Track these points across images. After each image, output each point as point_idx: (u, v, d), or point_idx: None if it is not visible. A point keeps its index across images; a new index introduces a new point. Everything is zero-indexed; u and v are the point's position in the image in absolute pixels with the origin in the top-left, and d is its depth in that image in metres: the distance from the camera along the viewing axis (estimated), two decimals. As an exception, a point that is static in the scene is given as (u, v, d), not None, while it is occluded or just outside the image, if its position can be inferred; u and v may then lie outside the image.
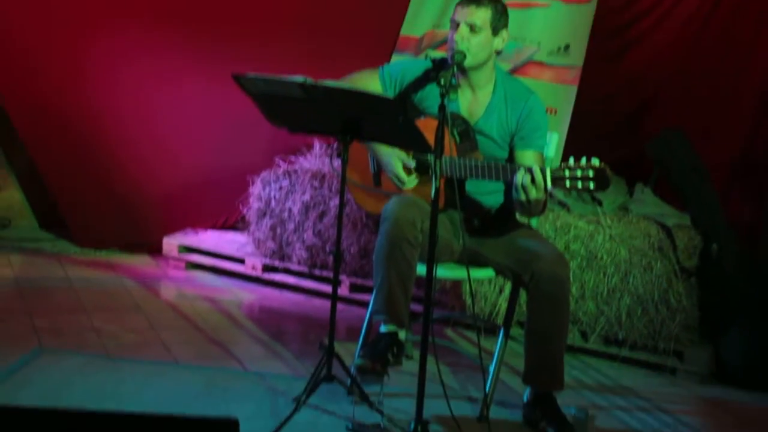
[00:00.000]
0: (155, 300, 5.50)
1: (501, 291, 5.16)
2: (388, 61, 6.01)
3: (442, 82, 3.57)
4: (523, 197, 3.69)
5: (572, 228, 5.09)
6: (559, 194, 5.30)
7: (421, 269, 4.01)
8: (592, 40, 5.65)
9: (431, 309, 3.59)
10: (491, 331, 5.18)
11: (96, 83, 6.22)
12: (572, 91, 5.56)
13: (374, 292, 4.08)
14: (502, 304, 5.14)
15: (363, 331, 4.36)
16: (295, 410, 3.75)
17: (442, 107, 3.54)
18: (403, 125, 3.56)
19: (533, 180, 3.65)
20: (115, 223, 6.40)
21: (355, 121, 3.70)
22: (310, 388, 3.82)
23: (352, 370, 3.99)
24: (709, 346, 5.04)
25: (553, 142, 4.41)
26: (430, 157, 4.07)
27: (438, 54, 5.83)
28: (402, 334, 4.05)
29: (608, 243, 5.02)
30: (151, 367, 4.36)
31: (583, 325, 5.08)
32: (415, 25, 6.10)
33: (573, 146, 4.94)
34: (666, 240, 5.02)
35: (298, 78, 3.57)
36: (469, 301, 5.23)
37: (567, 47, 5.67)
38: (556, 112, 5.40)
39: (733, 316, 4.97)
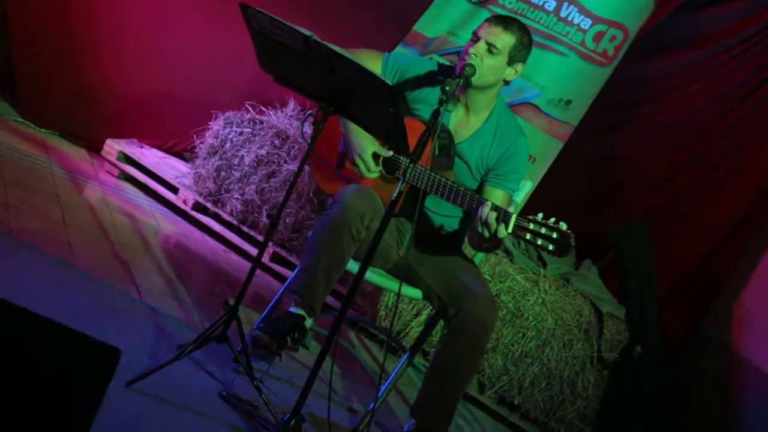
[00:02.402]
0: (77, 197, 5.26)
1: (418, 314, 5.01)
2: (392, 49, 5.84)
3: (447, 88, 3.42)
4: (486, 233, 3.54)
5: (509, 279, 4.97)
6: (507, 241, 5.16)
7: (350, 266, 3.85)
8: (592, 105, 5.52)
9: (347, 308, 3.42)
10: (393, 350, 5.03)
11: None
12: (558, 146, 5.41)
13: (297, 269, 3.90)
14: (414, 326, 5.00)
15: (271, 304, 4.17)
16: (176, 358, 3.56)
17: (436, 113, 3.39)
18: (392, 117, 3.39)
19: (498, 219, 3.50)
20: (65, 106, 6.13)
21: (344, 95, 3.52)
22: (199, 342, 3.62)
23: (247, 339, 3.80)
24: (596, 442, 4.94)
25: (525, 190, 4.28)
26: (403, 160, 3.92)
27: (442, 60, 5.69)
28: (309, 322, 3.87)
29: (538, 307, 4.90)
30: (46, 260, 4.14)
31: (484, 377, 4.94)
32: (431, 25, 5.92)
33: (535, 201, 4.78)
34: (595, 325, 4.90)
35: (306, 31, 3.38)
36: (382, 312, 5.08)
37: (569, 102, 5.53)
38: (535, 161, 5.25)
39: (632, 421, 4.87)
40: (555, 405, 4.88)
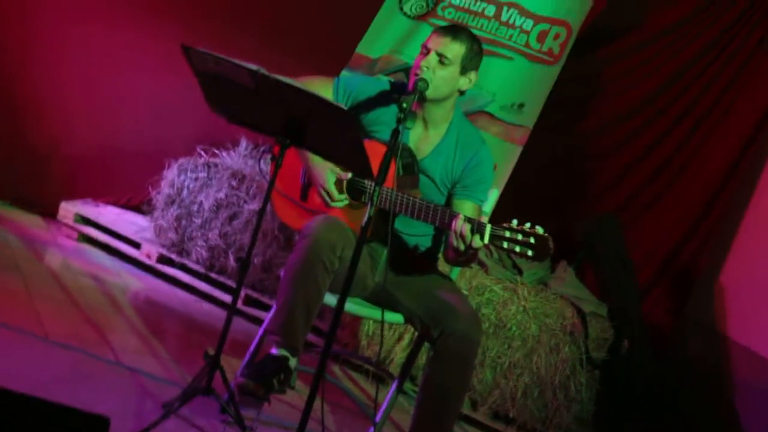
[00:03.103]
0: (37, 265, 5.15)
1: (400, 338, 4.92)
2: (338, 74, 5.77)
3: (405, 105, 3.34)
4: (462, 246, 3.46)
5: (487, 290, 4.90)
6: (480, 253, 5.09)
7: (327, 299, 3.76)
8: (546, 104, 5.47)
9: (331, 344, 3.32)
10: (380, 378, 4.95)
11: (37, 35, 5.91)
12: (517, 151, 5.35)
13: (274, 310, 3.80)
14: (398, 352, 4.91)
15: (252, 348, 4.06)
16: (163, 417, 3.46)
17: (395, 132, 3.31)
18: (350, 142, 3.31)
19: (473, 230, 3.43)
20: (13, 174, 5.99)
21: (299, 126, 3.44)
22: (185, 397, 3.51)
23: (233, 387, 3.69)
24: (597, 443, 4.86)
25: (492, 199, 4.21)
26: (368, 184, 3.84)
27: (383, 79, 5.62)
28: (293, 362, 3.77)
29: (520, 315, 4.83)
30: (16, 335, 4.01)
31: (475, 393, 4.86)
32: (373, 45, 5.85)
33: (499, 208, 4.70)
34: (580, 326, 4.84)
35: (252, 66, 3.30)
36: (363, 341, 4.99)
37: (522, 105, 5.47)
38: (496, 168, 5.18)
39: (629, 418, 4.80)
40: (550, 412, 4.80)
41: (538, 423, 4.82)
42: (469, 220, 3.48)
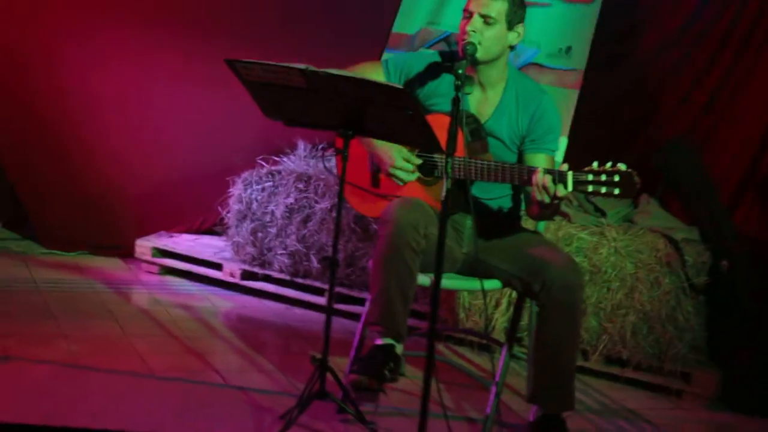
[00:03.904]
0: (127, 306, 5.19)
1: (497, 304, 4.86)
2: (380, 58, 5.73)
3: (460, 71, 3.28)
4: (546, 198, 3.42)
5: (575, 239, 4.81)
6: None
7: (420, 279, 3.72)
8: (594, 43, 5.38)
9: (435, 324, 3.28)
10: (484, 347, 4.91)
11: (71, 81, 5.95)
12: (574, 95, 5.29)
13: (370, 301, 3.78)
14: (498, 318, 4.86)
15: (356, 343, 4.04)
16: (285, 428, 3.44)
17: (456, 100, 3.24)
18: (412, 119, 3.26)
19: (555, 180, 3.38)
20: (85, 224, 6.09)
21: (358, 114, 3.40)
22: (302, 405, 3.50)
23: (347, 386, 3.67)
24: (717, 368, 4.75)
25: (562, 146, 4.14)
26: (438, 157, 3.79)
27: (429, 51, 5.56)
28: (399, 349, 3.73)
29: (613, 256, 4.75)
30: (124, 378, 4.04)
31: (584, 342, 4.78)
32: (409, 22, 5.82)
33: (571, 154, 4.64)
34: (674, 254, 4.74)
35: (300, 65, 3.27)
36: (462, 314, 4.95)
37: (569, 49, 5.40)
38: (559, 116, 5.12)
39: (744, 338, 4.70)
40: (663, 346, 4.71)
41: (653, 359, 4.73)
42: (548, 171, 3.43)
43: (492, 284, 3.86)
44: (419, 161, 3.86)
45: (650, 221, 5.02)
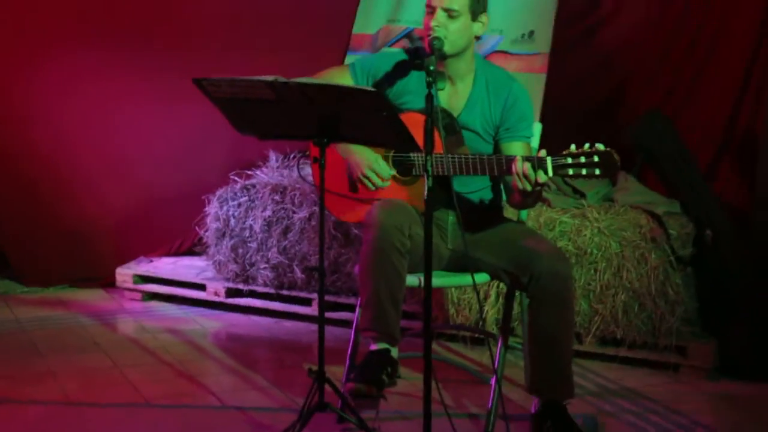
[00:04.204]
0: (114, 336, 5.13)
1: (486, 296, 4.83)
2: (342, 61, 5.68)
3: (432, 68, 3.25)
4: (528, 186, 3.41)
5: (557, 223, 4.79)
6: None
7: (409, 280, 3.69)
8: (556, 25, 5.35)
9: (429, 322, 3.25)
10: (477, 341, 4.88)
11: (35, 111, 5.89)
12: (541, 79, 5.25)
13: (360, 307, 3.74)
14: (488, 310, 4.83)
15: (350, 351, 4.00)
16: (288, 445, 3.40)
17: (429, 97, 3.20)
18: (388, 121, 3.22)
19: (534, 167, 3.38)
20: (62, 257, 6.02)
21: (332, 121, 3.35)
22: (303, 419, 3.46)
23: (346, 395, 3.63)
24: (711, 339, 4.74)
25: (537, 132, 4.12)
26: (415, 156, 3.76)
27: (394, 50, 5.52)
28: (394, 352, 3.70)
29: (597, 237, 4.73)
30: (120, 411, 3.99)
31: (576, 326, 4.74)
32: (368, 21, 5.77)
33: (546, 139, 4.61)
34: (658, 229, 4.73)
35: (267, 77, 3.22)
36: (452, 309, 4.91)
37: (531, 33, 5.38)
38: (529, 102, 5.09)
39: (735, 306, 4.70)
40: (656, 322, 4.69)
41: (648, 335, 4.72)
42: (527, 158, 3.42)
43: (480, 277, 3.84)
44: (392, 171, 3.83)
45: (630, 198, 5.01)
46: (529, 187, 3.43)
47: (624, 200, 5.00)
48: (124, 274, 5.80)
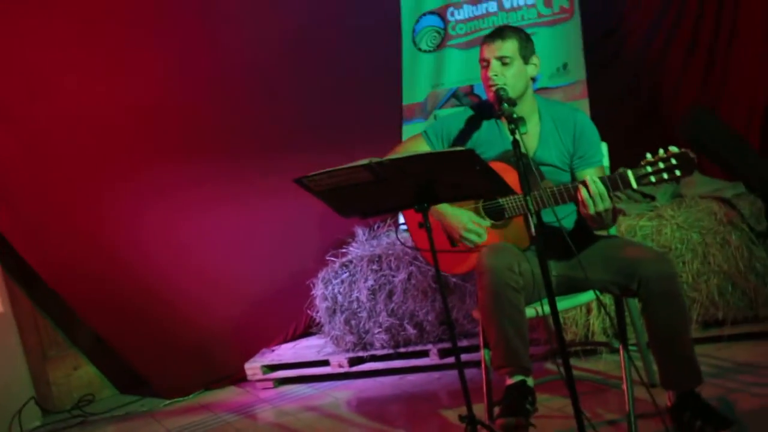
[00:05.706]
0: (260, 426, 5.08)
1: (589, 311, 4.73)
2: (401, 135, 5.66)
3: (514, 116, 3.22)
4: (591, 210, 3.42)
5: (638, 228, 4.71)
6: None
7: (528, 312, 3.64)
8: (587, 51, 5.30)
9: (565, 350, 3.18)
10: (588, 352, 4.80)
11: (141, 234, 5.84)
12: (584, 104, 5.21)
13: (490, 347, 3.68)
14: (594, 322, 4.73)
15: (485, 389, 3.91)
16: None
17: (515, 143, 3.17)
18: (480, 173, 3.17)
19: (614, 185, 3.40)
20: (193, 366, 5.98)
21: (428, 186, 3.30)
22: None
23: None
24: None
25: (605, 152, 4.05)
26: (505, 201, 3.71)
27: (446, 111, 5.50)
28: (530, 381, 3.64)
29: (678, 232, 4.64)
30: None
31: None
32: (415, 91, 5.75)
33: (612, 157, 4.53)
34: (732, 212, 4.63)
35: (363, 161, 3.19)
36: (572, 328, 4.82)
37: (565, 66, 5.33)
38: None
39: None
40: (752, 295, 4.59)
41: (747, 310, 4.61)
42: (601, 178, 3.42)
43: (586, 296, 3.80)
44: (488, 222, 3.78)
45: (698, 190, 4.93)
46: (592, 210, 3.42)
47: (692, 193, 4.91)
48: (253, 367, 5.77)
